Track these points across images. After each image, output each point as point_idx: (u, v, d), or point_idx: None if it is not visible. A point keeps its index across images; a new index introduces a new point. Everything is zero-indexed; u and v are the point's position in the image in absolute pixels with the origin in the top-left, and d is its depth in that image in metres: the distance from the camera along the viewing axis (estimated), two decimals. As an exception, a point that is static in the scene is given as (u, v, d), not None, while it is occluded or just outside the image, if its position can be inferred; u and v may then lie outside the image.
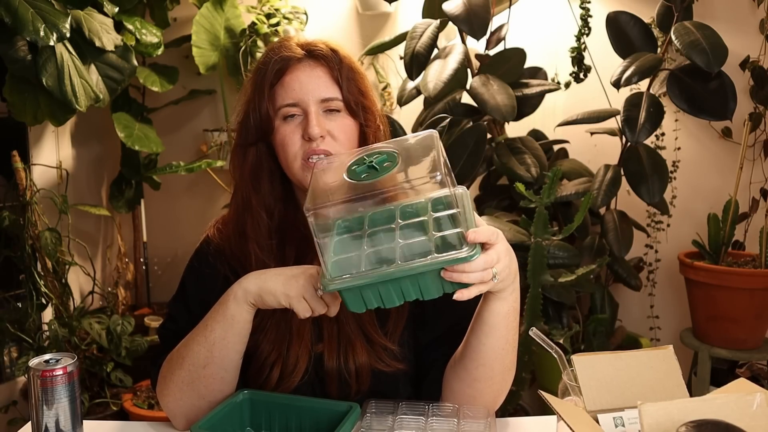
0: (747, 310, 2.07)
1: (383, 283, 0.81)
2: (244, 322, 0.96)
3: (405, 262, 0.80)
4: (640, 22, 2.06)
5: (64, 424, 0.89)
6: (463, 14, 1.90)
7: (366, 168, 0.86)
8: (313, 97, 1.02)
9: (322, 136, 1.01)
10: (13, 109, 1.81)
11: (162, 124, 2.61)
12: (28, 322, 2.10)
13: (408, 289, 0.82)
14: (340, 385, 1.03)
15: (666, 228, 2.38)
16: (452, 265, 0.80)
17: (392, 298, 0.83)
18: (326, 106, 1.03)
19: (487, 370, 0.97)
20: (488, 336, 0.95)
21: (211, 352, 0.97)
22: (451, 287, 0.83)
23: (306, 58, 1.04)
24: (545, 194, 1.90)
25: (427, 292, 0.83)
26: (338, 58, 1.04)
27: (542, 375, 2.17)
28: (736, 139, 2.27)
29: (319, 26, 2.56)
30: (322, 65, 1.04)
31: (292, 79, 1.03)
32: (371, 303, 0.83)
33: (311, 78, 1.03)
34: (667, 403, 0.75)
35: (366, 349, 1.02)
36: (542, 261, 1.94)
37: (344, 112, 1.04)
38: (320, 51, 1.04)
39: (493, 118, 2.08)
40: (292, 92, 1.02)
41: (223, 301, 0.97)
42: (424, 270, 0.80)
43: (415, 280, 0.81)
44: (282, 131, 1.03)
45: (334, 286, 0.82)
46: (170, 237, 2.76)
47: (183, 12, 2.58)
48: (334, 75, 1.03)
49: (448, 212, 0.85)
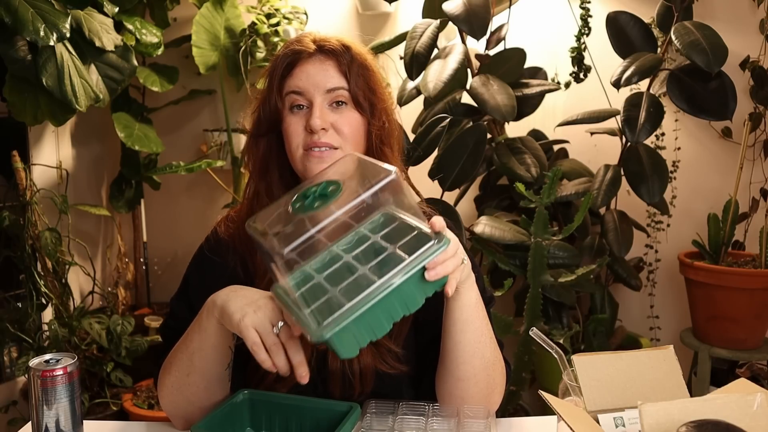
0: (747, 310, 2.07)
1: (371, 309, 0.75)
2: (217, 336, 0.94)
3: (387, 276, 0.76)
4: (640, 22, 2.06)
5: (64, 424, 0.89)
6: (463, 14, 1.90)
7: (314, 199, 0.82)
8: (318, 88, 1.02)
9: (323, 128, 1.00)
10: (13, 109, 1.81)
11: (162, 124, 2.61)
12: (28, 322, 2.10)
13: (394, 306, 0.78)
14: (344, 385, 1.03)
15: (666, 228, 2.38)
16: (433, 260, 0.78)
17: (382, 324, 0.78)
18: (332, 98, 1.03)
19: (469, 367, 0.96)
20: (464, 332, 0.95)
21: (191, 362, 0.97)
22: (431, 289, 0.81)
23: (317, 53, 1.04)
24: (545, 194, 1.90)
25: (412, 303, 0.80)
26: (349, 53, 1.05)
27: (542, 375, 2.17)
28: (736, 139, 2.27)
29: (319, 26, 2.55)
30: (331, 59, 1.04)
31: (301, 70, 1.04)
32: (363, 339, 0.78)
33: (319, 70, 1.03)
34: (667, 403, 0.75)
35: (371, 350, 1.02)
36: (542, 261, 1.94)
37: (351, 105, 1.04)
38: (331, 46, 1.04)
39: (493, 118, 2.08)
40: (299, 81, 1.03)
41: (201, 311, 0.96)
42: (411, 274, 0.77)
43: (399, 294, 0.77)
44: (287, 121, 1.04)
45: (330, 329, 0.74)
46: (170, 237, 2.76)
47: (183, 12, 2.58)
48: (343, 68, 1.03)
49: (393, 225, 0.84)
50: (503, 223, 2.02)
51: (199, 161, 2.45)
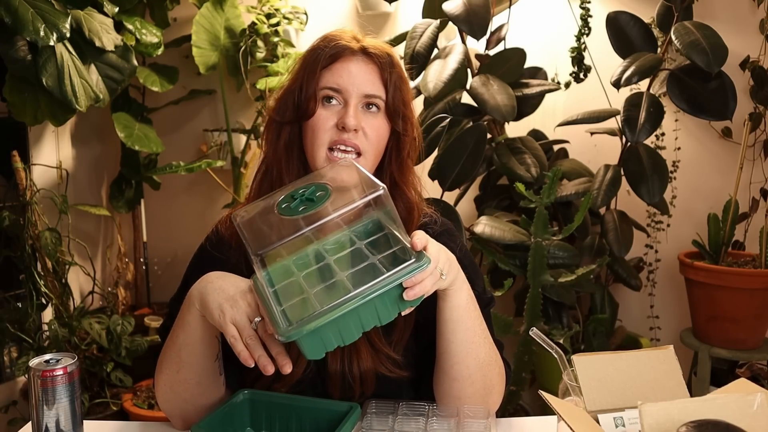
0: (747, 310, 2.07)
1: (342, 317, 0.77)
2: (201, 329, 0.94)
3: (363, 287, 0.77)
4: (640, 22, 2.06)
5: (64, 424, 0.89)
6: (463, 14, 1.91)
7: (300, 202, 0.83)
8: (358, 90, 1.02)
9: (356, 129, 1.00)
10: (13, 109, 1.81)
11: (162, 124, 2.61)
12: (28, 322, 2.10)
13: (366, 316, 0.79)
14: (344, 387, 1.02)
15: (666, 228, 2.38)
16: (411, 279, 0.79)
17: (351, 331, 0.79)
18: (367, 101, 1.03)
19: (463, 368, 0.97)
20: (455, 332, 0.95)
21: (180, 358, 0.96)
22: (406, 306, 0.81)
23: (361, 53, 1.04)
24: (545, 194, 1.90)
25: (385, 316, 0.80)
26: (392, 62, 1.05)
27: (542, 375, 2.17)
28: (736, 139, 2.27)
29: (319, 26, 2.56)
30: (374, 63, 1.04)
31: (342, 67, 1.02)
32: (331, 344, 0.79)
33: (361, 71, 1.03)
34: (667, 403, 0.75)
35: (371, 354, 1.02)
36: (542, 261, 1.94)
37: (383, 113, 1.04)
38: (376, 51, 1.04)
39: (493, 118, 2.08)
40: (339, 78, 1.02)
41: (184, 304, 0.96)
42: (386, 288, 0.77)
43: (372, 306, 0.78)
44: (318, 114, 1.02)
45: (296, 332, 0.76)
46: (170, 237, 2.76)
47: (183, 12, 2.58)
48: (384, 77, 1.03)
49: (380, 234, 0.85)
50: (503, 223, 2.02)
51: (199, 161, 2.44)
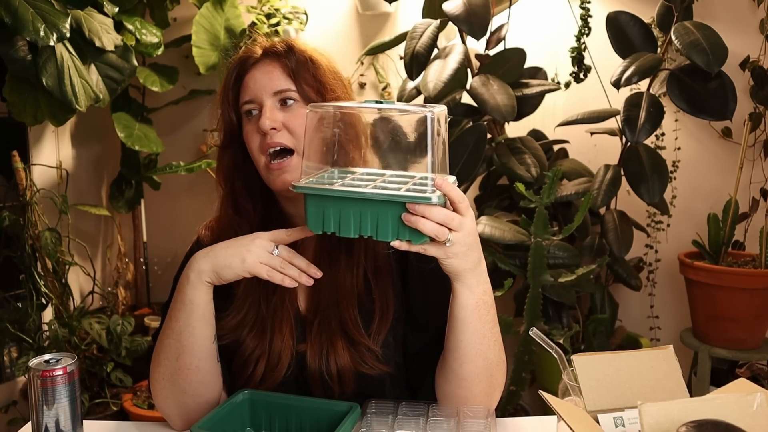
0: (747, 310, 2.07)
1: (345, 204, 0.84)
2: (205, 304, 0.97)
3: (372, 189, 0.85)
4: (640, 22, 2.06)
5: (64, 424, 0.89)
6: (463, 14, 1.90)
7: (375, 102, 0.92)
8: (266, 92, 1.03)
9: (273, 128, 1.01)
10: (13, 109, 1.81)
11: (162, 124, 2.61)
12: (28, 322, 2.11)
13: (366, 220, 0.85)
14: (323, 386, 1.02)
15: (666, 228, 2.38)
16: (414, 204, 0.82)
17: (349, 225, 0.85)
18: (281, 98, 1.04)
19: (471, 367, 0.97)
20: (463, 332, 0.95)
21: (180, 342, 0.98)
22: (405, 234, 0.84)
23: (263, 58, 1.06)
24: (545, 194, 1.90)
25: (383, 231, 0.85)
26: (293, 52, 1.06)
27: (542, 375, 2.17)
28: (736, 139, 2.27)
29: (319, 26, 2.56)
30: (277, 62, 1.05)
31: (249, 78, 1.06)
32: (329, 225, 0.86)
33: (266, 73, 1.05)
34: (667, 403, 0.75)
35: (348, 350, 1.01)
36: (542, 261, 1.94)
37: (301, 102, 1.04)
38: (275, 49, 1.06)
39: (493, 118, 2.08)
40: (248, 89, 1.05)
41: (180, 288, 0.98)
42: (387, 199, 0.83)
43: (375, 212, 0.84)
44: (245, 130, 1.06)
45: (302, 187, 0.86)
46: (170, 237, 2.76)
47: (183, 12, 2.58)
48: (288, 69, 1.04)
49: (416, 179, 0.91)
50: (503, 223, 2.02)
51: (199, 161, 2.45)
